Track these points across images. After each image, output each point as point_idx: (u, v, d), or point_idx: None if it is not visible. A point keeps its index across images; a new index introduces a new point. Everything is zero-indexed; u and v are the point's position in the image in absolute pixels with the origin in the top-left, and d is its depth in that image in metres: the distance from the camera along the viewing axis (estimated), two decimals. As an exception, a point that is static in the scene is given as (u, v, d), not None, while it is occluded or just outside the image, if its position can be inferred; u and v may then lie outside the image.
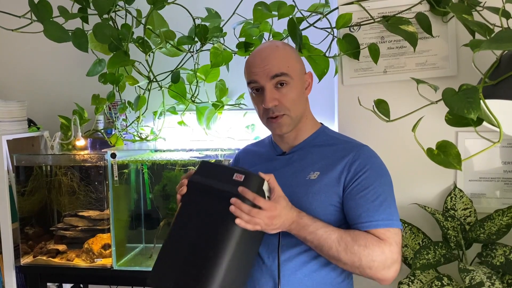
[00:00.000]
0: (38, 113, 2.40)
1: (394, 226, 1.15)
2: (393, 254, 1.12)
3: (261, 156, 1.38)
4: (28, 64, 2.48)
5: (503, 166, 1.57)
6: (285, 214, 1.08)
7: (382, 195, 1.17)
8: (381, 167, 1.23)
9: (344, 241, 1.11)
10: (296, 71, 1.23)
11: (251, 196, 1.03)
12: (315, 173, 1.22)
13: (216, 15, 1.87)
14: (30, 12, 1.55)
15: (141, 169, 2.26)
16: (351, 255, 1.10)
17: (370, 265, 1.10)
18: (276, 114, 1.21)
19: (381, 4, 1.55)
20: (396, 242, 1.14)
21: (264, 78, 1.20)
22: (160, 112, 2.20)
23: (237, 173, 1.05)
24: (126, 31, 1.82)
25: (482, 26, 1.29)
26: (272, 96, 1.20)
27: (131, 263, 2.08)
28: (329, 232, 1.12)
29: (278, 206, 1.07)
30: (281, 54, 1.22)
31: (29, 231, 2.25)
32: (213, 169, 1.12)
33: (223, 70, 1.99)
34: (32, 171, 2.27)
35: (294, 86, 1.22)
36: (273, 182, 1.09)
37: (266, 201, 1.04)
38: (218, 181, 1.08)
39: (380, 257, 1.10)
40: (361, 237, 1.12)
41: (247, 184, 1.04)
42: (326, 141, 1.29)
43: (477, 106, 1.11)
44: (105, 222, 2.11)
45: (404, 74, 1.57)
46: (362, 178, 1.18)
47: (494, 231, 1.45)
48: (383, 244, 1.12)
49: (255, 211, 1.02)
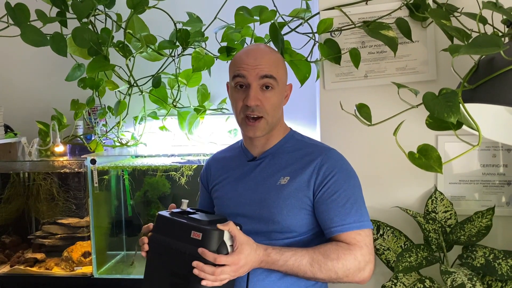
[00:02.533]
0: (15, 118, 2.34)
1: (366, 227, 1.19)
2: (364, 256, 1.16)
3: (231, 162, 1.38)
4: (4, 69, 2.42)
5: (481, 169, 1.59)
6: (250, 260, 1.09)
7: (352, 198, 1.20)
8: (349, 170, 1.26)
9: (316, 262, 1.13)
10: (282, 79, 1.26)
11: (211, 258, 1.03)
12: (285, 178, 1.24)
13: (197, 19, 1.86)
14: (6, 15, 1.52)
15: (121, 175, 2.23)
16: (327, 272, 1.13)
17: (346, 273, 1.14)
18: (256, 114, 1.22)
19: (361, 10, 1.56)
20: (367, 244, 1.18)
21: (254, 76, 1.21)
22: (141, 117, 2.18)
23: (194, 231, 1.04)
24: (106, 35, 1.79)
25: (460, 32, 1.31)
26: (256, 96, 1.21)
27: (112, 271, 2.05)
28: (299, 259, 1.13)
29: (241, 256, 1.06)
30: (274, 58, 1.26)
31: (6, 240, 2.20)
32: (170, 225, 1.10)
33: (205, 75, 1.98)
34: (9, 178, 2.22)
35: (277, 92, 1.25)
36: (233, 230, 1.08)
37: (228, 258, 1.04)
38: (176, 240, 1.08)
39: (353, 263, 1.14)
40: (332, 250, 1.14)
41: (206, 241, 1.03)
42: (295, 146, 1.31)
43: (456, 110, 1.12)
44: (85, 229, 2.07)
45: (384, 78, 1.58)
46: (331, 182, 1.21)
47: (474, 233, 1.47)
48: (353, 249, 1.15)
49: (218, 271, 1.03)
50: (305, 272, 1.13)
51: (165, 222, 1.12)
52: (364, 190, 1.58)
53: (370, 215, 1.59)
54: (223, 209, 1.33)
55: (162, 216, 1.12)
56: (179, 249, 1.06)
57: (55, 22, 1.69)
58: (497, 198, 1.58)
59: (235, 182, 1.32)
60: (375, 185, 1.61)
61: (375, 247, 1.55)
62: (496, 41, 1.09)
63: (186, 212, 1.14)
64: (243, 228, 1.21)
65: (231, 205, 1.31)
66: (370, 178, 1.61)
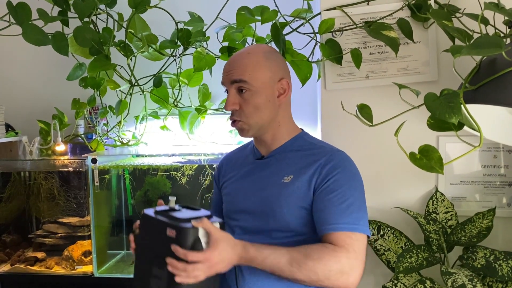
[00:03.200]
0: (16, 117, 2.34)
1: (359, 231, 1.14)
2: (350, 260, 1.10)
3: (241, 161, 1.39)
4: (6, 68, 2.43)
5: (482, 169, 1.59)
6: (226, 257, 1.06)
7: (350, 199, 1.17)
8: (353, 172, 1.23)
9: (296, 261, 1.09)
10: (261, 79, 1.23)
11: (182, 255, 1.01)
12: (289, 177, 1.23)
13: (199, 19, 1.86)
14: (8, 14, 1.52)
15: (122, 175, 2.23)
16: (307, 272, 1.08)
17: (327, 275, 1.08)
18: (233, 118, 1.26)
19: (363, 10, 1.56)
20: (356, 249, 1.12)
21: (227, 81, 1.25)
22: (142, 116, 2.18)
23: (169, 228, 1.04)
24: (107, 35, 1.80)
25: (462, 32, 1.31)
26: (232, 100, 1.24)
27: (112, 270, 2.05)
28: (278, 257, 1.09)
29: (215, 253, 1.04)
30: (247, 62, 1.24)
31: (6, 239, 2.20)
32: (150, 223, 1.11)
33: (206, 75, 1.98)
34: (10, 177, 2.22)
35: (256, 94, 1.23)
36: (208, 226, 1.05)
37: (200, 254, 1.02)
38: (155, 238, 1.09)
39: (336, 266, 1.09)
40: (315, 250, 1.10)
41: (180, 239, 1.03)
42: (303, 146, 1.30)
43: (458, 110, 1.12)
44: (85, 228, 2.08)
45: (386, 79, 1.58)
46: (332, 181, 1.18)
47: (474, 234, 1.47)
48: (339, 251, 1.10)
49: (190, 268, 1.01)
50: (283, 271, 1.09)
51: (147, 220, 1.13)
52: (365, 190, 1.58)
53: (370, 215, 1.60)
54: (230, 205, 1.34)
55: (145, 214, 1.13)
56: (158, 246, 1.07)
57: (57, 21, 1.70)
58: (498, 199, 1.58)
59: (242, 179, 1.33)
60: (376, 185, 1.61)
61: (376, 247, 1.55)
62: (498, 42, 1.09)
63: (171, 209, 1.13)
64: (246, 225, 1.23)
65: (237, 201, 1.32)
66: (371, 178, 1.61)
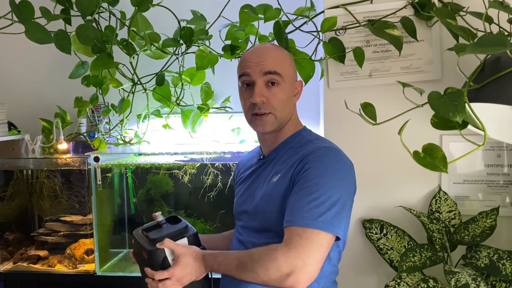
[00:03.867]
0: (18, 116, 2.34)
1: (313, 228, 1.04)
2: (288, 258, 1.02)
3: (249, 162, 1.40)
4: (8, 66, 2.43)
5: (486, 169, 1.59)
6: (191, 269, 1.14)
7: (316, 194, 1.07)
8: (330, 167, 1.13)
9: (242, 265, 1.09)
10: (288, 75, 1.24)
11: (151, 276, 1.15)
12: (276, 176, 1.21)
13: (201, 17, 1.86)
14: (11, 12, 1.52)
15: (124, 173, 2.23)
16: (250, 273, 1.07)
17: (267, 275, 1.04)
18: (262, 111, 1.21)
19: (366, 8, 1.56)
20: (299, 247, 1.03)
21: (257, 72, 1.20)
22: (144, 115, 2.18)
23: (143, 251, 1.17)
24: (110, 33, 1.80)
25: (466, 31, 1.31)
26: (261, 92, 1.20)
27: (114, 269, 2.05)
28: (229, 263, 1.12)
29: (178, 267, 1.13)
30: (278, 54, 1.24)
31: (9, 237, 2.20)
32: (136, 243, 1.22)
33: (209, 73, 1.98)
34: (12, 176, 2.22)
35: (284, 88, 1.22)
36: (169, 246, 1.15)
37: (164, 272, 1.13)
38: (139, 259, 1.23)
39: (273, 265, 1.03)
40: (257, 251, 1.09)
41: (150, 260, 1.15)
42: (297, 143, 1.26)
43: (462, 109, 1.12)
44: (88, 227, 2.08)
45: (389, 77, 1.58)
46: (303, 175, 1.12)
47: (478, 233, 1.47)
48: (278, 250, 1.05)
49: (160, 285, 1.13)
50: (234, 275, 1.11)
51: (134, 240, 1.23)
52: (368, 189, 1.59)
53: (373, 214, 1.60)
54: (235, 206, 1.36)
55: (134, 233, 1.23)
56: (142, 265, 1.20)
57: (59, 19, 1.69)
58: (502, 198, 1.58)
59: (246, 181, 1.34)
60: (379, 184, 1.61)
61: (379, 246, 1.54)
62: (502, 40, 1.08)
63: (157, 225, 1.23)
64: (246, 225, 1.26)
65: (240, 202, 1.33)
66: (374, 177, 1.61)
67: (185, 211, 2.16)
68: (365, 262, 1.65)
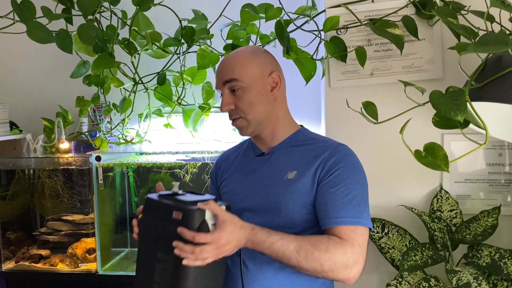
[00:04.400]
0: (20, 115, 2.34)
1: (361, 225, 1.14)
2: (355, 255, 1.11)
3: (240, 159, 1.39)
4: (10, 65, 2.43)
5: (487, 167, 1.59)
6: (234, 238, 1.05)
7: (353, 193, 1.16)
8: (356, 165, 1.22)
9: (303, 250, 1.08)
10: (249, 75, 1.23)
11: (189, 237, 1.00)
12: (292, 173, 1.23)
13: (202, 17, 1.86)
14: (12, 12, 1.52)
15: (126, 172, 2.24)
16: (312, 262, 1.08)
17: (332, 267, 1.09)
18: (233, 117, 1.27)
19: (367, 7, 1.56)
20: (360, 243, 1.13)
21: (219, 83, 1.27)
22: (145, 114, 2.18)
23: (175, 211, 1.03)
24: (111, 33, 1.80)
25: (467, 30, 1.31)
26: (227, 101, 1.25)
27: (116, 268, 2.06)
28: (286, 244, 1.08)
29: (223, 234, 1.03)
30: (234, 61, 1.25)
31: (11, 236, 2.20)
32: (155, 207, 1.10)
33: (210, 72, 1.98)
34: (14, 175, 2.23)
35: (248, 90, 1.23)
36: (214, 208, 1.05)
37: (207, 235, 1.01)
38: (160, 221, 1.07)
39: (341, 259, 1.09)
40: (322, 241, 1.10)
41: (186, 221, 1.02)
42: (304, 141, 1.29)
43: (463, 108, 1.12)
44: (89, 226, 2.08)
45: (390, 76, 1.58)
46: (335, 175, 1.17)
47: (479, 232, 1.47)
48: (345, 245, 1.10)
49: (198, 250, 1.00)
50: (290, 258, 1.08)
51: (152, 204, 1.11)
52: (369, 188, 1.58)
53: (375, 213, 1.60)
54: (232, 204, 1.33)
55: (149, 198, 1.12)
56: (163, 230, 1.05)
57: (61, 19, 1.70)
58: (503, 197, 1.58)
59: (243, 178, 1.33)
60: (380, 183, 1.61)
61: (380, 245, 1.54)
62: (504, 39, 1.08)
63: (175, 194, 1.12)
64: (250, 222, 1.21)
65: (239, 200, 1.30)
66: (376, 176, 1.60)
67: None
68: (366, 261, 1.63)
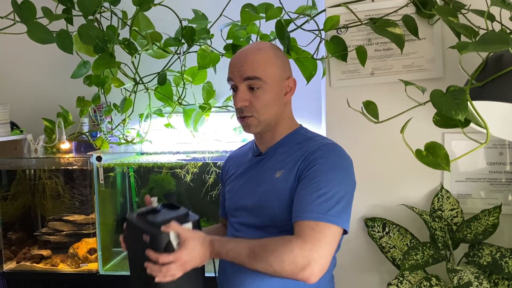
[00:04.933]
0: (21, 115, 2.35)
1: (324, 221, 1.08)
2: (304, 251, 1.05)
3: (242, 158, 1.40)
4: (10, 66, 2.43)
5: (488, 167, 1.59)
6: (197, 254, 1.11)
7: (324, 189, 1.11)
8: (337, 164, 1.17)
9: (253, 253, 1.10)
10: (273, 76, 1.23)
11: (155, 259, 1.08)
12: (280, 172, 1.23)
13: (203, 16, 1.86)
14: (13, 12, 1.52)
15: (127, 172, 2.24)
16: (263, 263, 1.08)
17: (281, 266, 1.06)
18: (244, 115, 1.24)
19: (368, 7, 1.56)
20: (314, 240, 1.06)
21: (238, 78, 1.23)
22: (146, 114, 2.18)
23: (144, 234, 1.11)
24: (112, 33, 1.80)
25: (468, 29, 1.31)
26: (243, 97, 1.22)
27: (117, 268, 2.06)
28: (239, 250, 1.11)
29: (185, 252, 1.09)
30: (259, 58, 1.23)
31: (12, 236, 2.20)
32: (132, 227, 1.17)
33: (210, 72, 1.98)
34: (15, 175, 2.23)
35: (267, 91, 1.22)
36: (175, 229, 1.10)
37: (170, 256, 1.08)
38: (136, 241, 1.16)
39: (288, 257, 1.05)
40: (272, 242, 1.10)
41: (153, 243, 1.10)
42: (297, 140, 1.28)
43: (464, 107, 1.12)
44: (90, 226, 2.08)
45: (391, 76, 1.58)
46: (312, 171, 1.15)
47: (480, 231, 1.47)
48: (294, 242, 1.07)
49: (165, 269, 1.08)
50: (244, 263, 1.11)
51: (129, 224, 1.18)
52: (370, 187, 1.59)
53: (375, 213, 1.61)
54: (230, 202, 1.35)
55: (127, 218, 1.19)
56: (139, 249, 1.13)
57: (61, 19, 1.70)
58: (504, 196, 1.58)
59: (241, 177, 1.34)
60: (381, 182, 1.61)
61: (381, 245, 1.54)
62: (504, 38, 1.08)
63: (153, 210, 1.18)
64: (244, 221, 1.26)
65: (236, 198, 1.33)
66: (376, 175, 1.61)
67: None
68: (367, 261, 1.65)
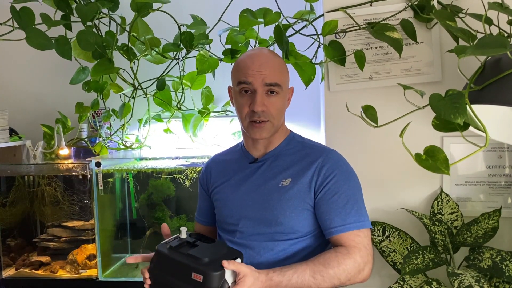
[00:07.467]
0: (20, 122, 2.34)
1: (365, 227, 1.22)
2: (363, 258, 1.19)
3: (232, 165, 1.38)
4: (9, 72, 2.43)
5: (487, 170, 1.59)
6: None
7: (352, 198, 1.23)
8: (349, 171, 1.28)
9: (318, 273, 1.14)
10: (285, 84, 1.29)
11: None
12: (287, 180, 1.26)
13: (201, 22, 1.86)
14: (11, 19, 1.52)
15: (126, 178, 2.23)
16: (330, 280, 1.15)
17: (348, 277, 1.17)
18: (261, 119, 1.24)
19: (366, 11, 1.56)
20: (365, 245, 1.20)
21: (259, 82, 1.22)
22: (145, 119, 2.18)
23: (195, 273, 1.04)
24: (110, 38, 1.80)
25: (466, 32, 1.31)
26: (263, 101, 1.23)
27: (117, 274, 2.05)
28: (301, 275, 1.13)
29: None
30: (278, 65, 1.27)
31: (11, 243, 2.20)
32: (169, 263, 1.09)
33: (209, 77, 1.98)
34: (14, 182, 2.22)
35: (282, 97, 1.27)
36: (234, 266, 1.08)
37: None
38: (177, 279, 1.08)
39: (353, 267, 1.17)
40: (331, 258, 1.16)
41: (207, 283, 1.03)
42: (296, 147, 1.33)
43: (463, 111, 1.12)
44: (89, 232, 2.08)
45: (389, 80, 1.58)
46: (332, 183, 1.23)
47: (480, 234, 1.46)
48: (352, 252, 1.18)
49: None
50: (310, 285, 1.14)
51: (165, 259, 1.10)
52: (370, 192, 1.59)
53: (375, 217, 1.61)
54: (227, 212, 1.33)
55: (161, 253, 1.11)
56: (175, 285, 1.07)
57: (60, 25, 1.70)
58: (504, 199, 1.58)
59: (237, 185, 1.33)
60: (380, 186, 1.61)
61: (381, 249, 1.54)
62: (502, 41, 1.08)
63: (186, 243, 1.13)
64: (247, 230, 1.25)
65: (235, 208, 1.31)
66: (376, 179, 1.61)
67: (187, 216, 2.16)
68: (367, 265, 1.65)
